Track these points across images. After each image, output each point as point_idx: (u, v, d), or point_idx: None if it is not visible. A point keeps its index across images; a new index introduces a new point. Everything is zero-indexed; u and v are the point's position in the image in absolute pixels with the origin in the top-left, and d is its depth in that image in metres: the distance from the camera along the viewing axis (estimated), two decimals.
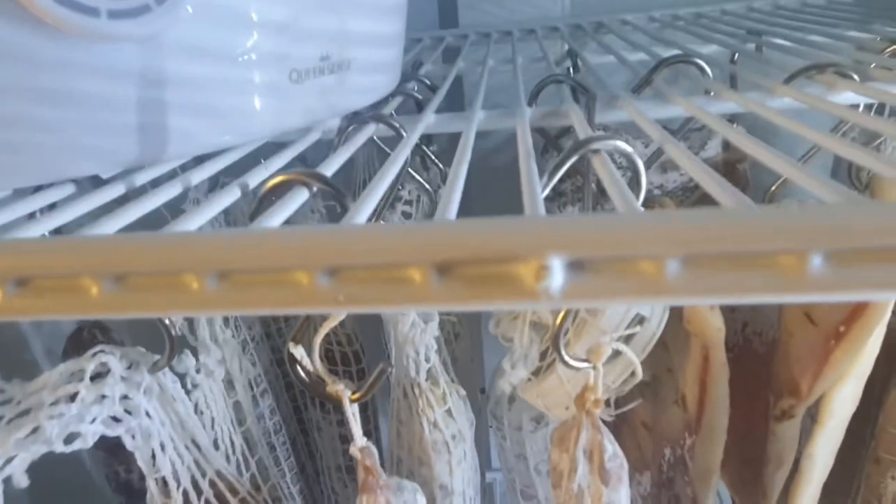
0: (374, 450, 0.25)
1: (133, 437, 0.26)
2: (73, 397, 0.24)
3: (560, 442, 0.26)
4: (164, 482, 0.27)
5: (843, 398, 0.37)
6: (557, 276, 0.12)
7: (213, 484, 0.29)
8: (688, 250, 0.12)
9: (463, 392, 0.35)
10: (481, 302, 0.13)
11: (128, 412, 0.25)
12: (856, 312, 0.28)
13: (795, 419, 0.33)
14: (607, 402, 0.36)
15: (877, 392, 0.42)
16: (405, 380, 0.34)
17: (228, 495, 0.29)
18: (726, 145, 0.46)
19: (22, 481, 0.24)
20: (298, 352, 0.23)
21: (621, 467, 0.25)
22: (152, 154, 0.21)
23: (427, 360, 0.33)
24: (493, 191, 0.58)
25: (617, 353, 0.30)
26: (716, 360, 0.31)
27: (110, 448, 0.45)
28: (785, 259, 0.12)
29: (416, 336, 0.32)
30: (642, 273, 0.12)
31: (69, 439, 0.23)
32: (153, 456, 0.26)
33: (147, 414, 0.26)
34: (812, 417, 0.38)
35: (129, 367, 0.26)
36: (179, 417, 0.28)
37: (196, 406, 0.32)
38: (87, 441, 0.24)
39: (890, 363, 0.41)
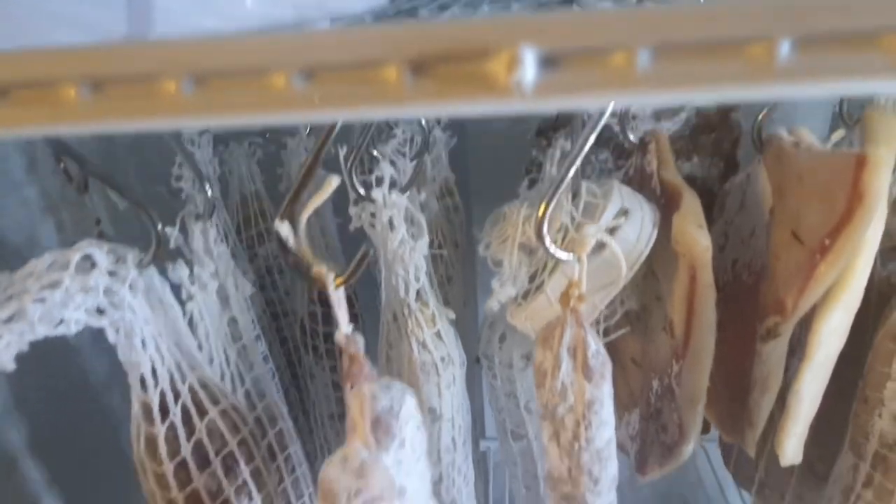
0: (361, 338, 0.25)
1: (116, 330, 0.26)
2: (56, 285, 0.24)
3: (544, 341, 0.26)
4: (142, 380, 0.27)
5: (830, 330, 0.37)
6: (529, 69, 0.12)
7: (192, 390, 0.29)
8: (659, 38, 0.12)
9: (452, 315, 0.35)
10: (455, 101, 0.13)
11: (112, 305, 0.25)
12: (841, 224, 0.29)
13: (781, 339, 0.33)
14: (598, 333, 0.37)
15: (868, 338, 0.42)
16: (395, 301, 0.34)
17: (208, 404, 0.29)
18: None
19: (8, 365, 0.24)
20: (284, 229, 0.23)
21: (604, 365, 0.26)
22: (138, 31, 0.21)
23: (416, 279, 0.33)
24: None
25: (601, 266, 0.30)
26: (702, 281, 0.31)
27: None
28: (754, 48, 0.12)
29: (406, 254, 0.32)
30: (614, 66, 0.12)
31: (52, 323, 0.24)
32: (133, 352, 0.26)
33: (132, 309, 0.26)
34: (800, 357, 0.39)
35: (116, 262, 0.26)
36: (165, 319, 0.28)
37: (191, 318, 0.32)
38: (69, 328, 0.24)
39: (880, 308, 0.41)
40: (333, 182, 0.23)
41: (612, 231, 0.29)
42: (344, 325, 0.24)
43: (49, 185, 0.49)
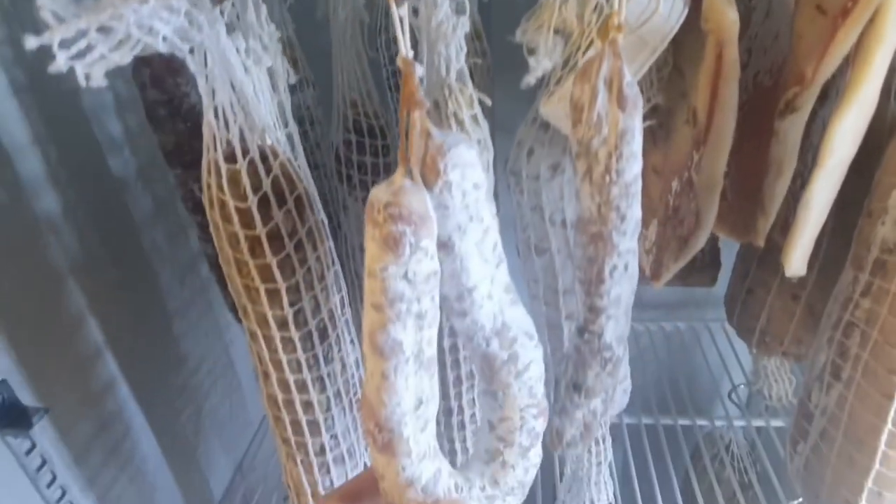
0: (421, 69, 0.27)
1: (195, 55, 0.28)
2: (144, 1, 0.26)
3: (583, 75, 0.28)
4: (223, 113, 0.30)
5: (843, 131, 0.39)
6: None
7: (264, 132, 0.32)
8: None
9: (488, 101, 0.37)
10: None
11: (194, 29, 0.28)
12: None
13: (799, 114, 0.35)
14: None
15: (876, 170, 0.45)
16: (436, 86, 0.37)
17: (270, 154, 0.32)
18: None
19: (99, 80, 0.27)
20: None
21: (637, 95, 0.28)
22: None
23: (458, 59, 0.36)
24: None
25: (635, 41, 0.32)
26: (728, 58, 0.33)
27: (187, 164, 0.49)
28: None
29: (448, 30, 0.34)
30: None
31: (144, 30, 0.26)
32: (213, 81, 0.29)
33: (210, 39, 0.28)
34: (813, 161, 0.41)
35: None
36: (234, 71, 0.31)
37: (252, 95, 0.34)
38: (158, 41, 0.27)
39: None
40: None
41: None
42: (404, 48, 0.26)
43: None
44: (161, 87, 0.47)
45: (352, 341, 0.42)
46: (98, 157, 0.54)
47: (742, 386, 0.81)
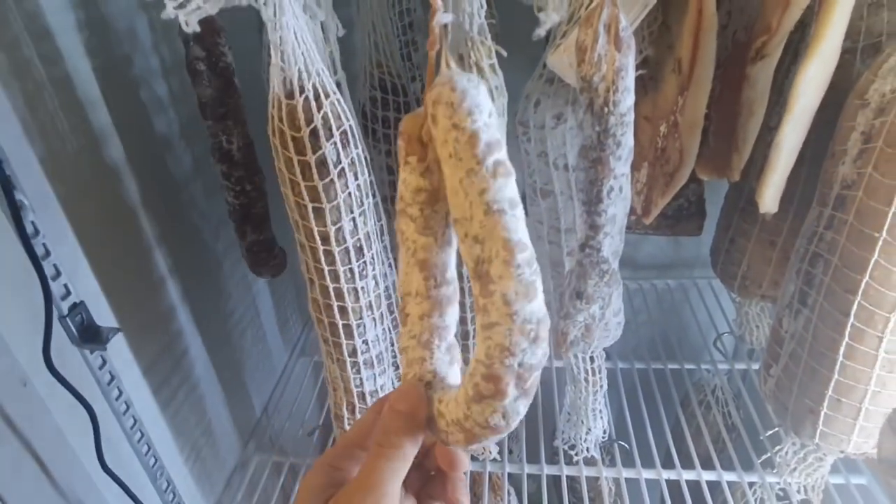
0: (448, 16, 0.33)
1: (267, 7, 0.34)
2: None
3: (586, 22, 0.35)
4: (286, 58, 0.36)
5: (808, 79, 0.46)
6: None
7: (319, 75, 0.38)
8: None
9: (504, 52, 0.43)
10: None
11: None
12: None
13: (767, 60, 0.41)
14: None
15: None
16: (459, 41, 0.43)
17: (329, 89, 0.39)
18: None
19: (194, 26, 0.33)
20: None
21: (630, 38, 0.34)
22: None
23: (479, 16, 0.42)
24: None
25: None
26: (708, 12, 0.40)
27: (219, 117, 0.55)
28: None
29: None
30: None
31: None
32: (281, 30, 0.35)
33: None
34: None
35: None
36: (298, 21, 0.37)
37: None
38: None
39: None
40: None
41: None
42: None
43: None
44: (203, 45, 0.53)
45: (390, 265, 0.49)
46: (150, 113, 0.60)
47: (727, 334, 0.88)
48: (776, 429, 0.70)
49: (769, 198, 0.51)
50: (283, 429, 0.83)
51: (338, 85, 0.43)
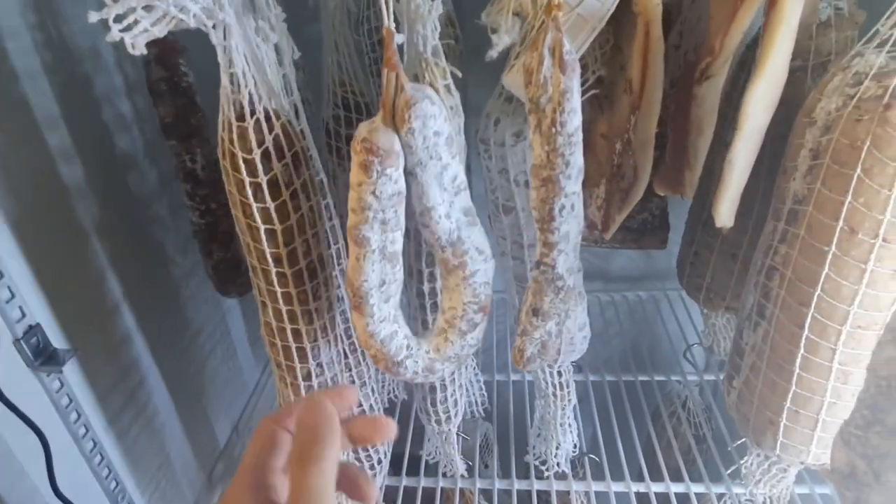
0: (401, 37, 0.34)
1: (217, 30, 0.35)
2: None
3: (532, 44, 0.35)
4: (236, 80, 0.36)
5: (756, 100, 0.47)
6: None
7: (269, 97, 0.38)
8: None
9: (459, 73, 0.44)
10: None
11: (217, 7, 0.34)
12: None
13: (713, 80, 0.42)
14: None
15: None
16: (415, 60, 0.43)
17: (273, 116, 0.39)
18: None
19: (141, 48, 0.33)
20: None
21: (575, 61, 0.35)
22: None
23: (433, 37, 0.42)
24: None
25: (578, 20, 0.39)
26: (654, 35, 0.41)
27: (182, 136, 0.55)
28: None
29: (425, 12, 0.41)
30: None
31: (178, 7, 0.32)
32: (229, 53, 0.35)
33: (230, 16, 0.35)
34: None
35: None
36: (248, 42, 0.37)
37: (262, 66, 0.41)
38: (190, 18, 0.33)
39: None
40: None
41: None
42: (387, 20, 0.33)
43: None
44: (164, 65, 0.53)
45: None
46: (112, 133, 0.60)
47: (696, 346, 0.89)
48: (743, 440, 0.71)
49: (724, 213, 0.52)
50: None
51: (294, 107, 0.44)
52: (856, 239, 0.45)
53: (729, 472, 0.71)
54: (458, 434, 0.79)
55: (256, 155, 0.38)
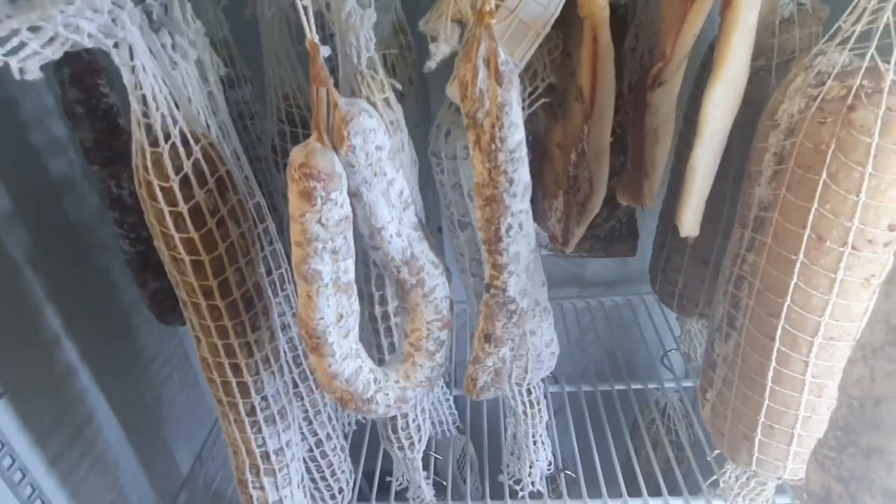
0: (326, 48, 0.31)
1: (119, 50, 0.32)
2: (71, 1, 0.30)
3: (465, 56, 0.33)
4: (145, 101, 0.33)
5: (714, 103, 0.45)
6: None
7: (186, 119, 0.35)
8: None
9: (399, 86, 0.41)
10: None
11: (117, 26, 0.31)
12: None
13: (666, 87, 0.40)
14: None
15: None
16: (350, 73, 0.41)
17: (199, 133, 0.36)
18: None
19: (34, 72, 0.30)
20: None
21: (512, 72, 0.32)
22: None
23: (367, 49, 0.40)
24: None
25: (520, 26, 0.37)
26: (602, 40, 0.38)
27: (105, 161, 0.51)
28: None
29: (357, 21, 0.38)
30: None
31: (70, 28, 0.29)
32: (136, 73, 0.32)
33: (132, 34, 0.32)
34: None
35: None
36: (158, 62, 0.34)
37: (177, 85, 0.38)
38: (84, 38, 0.30)
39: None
40: None
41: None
42: (309, 33, 0.30)
43: None
44: (80, 86, 0.50)
45: (293, 314, 0.46)
46: (44, 157, 0.57)
47: (673, 351, 0.87)
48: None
49: (688, 221, 0.50)
50: (218, 474, 0.79)
51: (222, 127, 0.41)
52: (824, 247, 0.43)
53: (708, 483, 0.69)
54: (430, 454, 0.76)
55: (175, 182, 0.35)
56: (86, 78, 0.48)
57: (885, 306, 0.33)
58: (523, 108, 0.44)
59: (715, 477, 0.67)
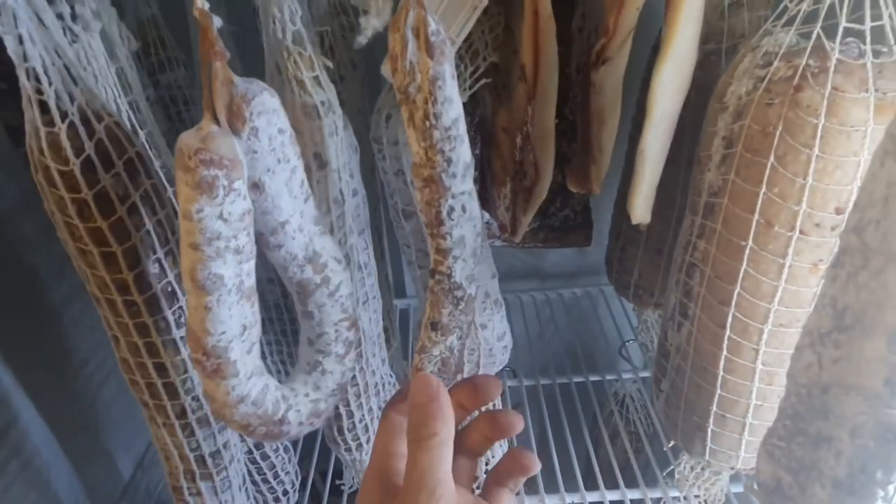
0: (218, 18, 0.28)
1: (1, 16, 0.28)
2: None
3: (394, 25, 0.30)
4: (35, 75, 0.30)
5: (662, 85, 0.43)
6: None
7: (85, 94, 0.32)
8: None
9: (329, 63, 0.39)
10: None
11: None
12: None
13: (611, 65, 0.38)
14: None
15: None
16: (275, 49, 0.38)
17: (102, 112, 0.32)
18: None
19: None
20: None
21: (444, 42, 0.30)
22: None
23: (293, 22, 0.37)
24: None
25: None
26: (543, 14, 0.36)
27: None
28: None
29: None
30: None
31: None
32: (22, 44, 0.29)
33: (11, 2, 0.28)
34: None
35: None
36: (50, 34, 0.31)
37: (77, 59, 0.34)
38: None
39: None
40: None
41: None
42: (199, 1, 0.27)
43: None
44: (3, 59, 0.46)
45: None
46: None
47: (631, 342, 0.86)
48: None
49: (639, 208, 0.49)
50: (162, 481, 0.75)
51: (133, 105, 0.37)
52: (772, 232, 0.42)
53: (664, 474, 0.68)
54: None
55: (75, 166, 0.31)
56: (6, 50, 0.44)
57: (831, 290, 0.32)
58: (465, 89, 0.42)
59: (671, 468, 0.66)
